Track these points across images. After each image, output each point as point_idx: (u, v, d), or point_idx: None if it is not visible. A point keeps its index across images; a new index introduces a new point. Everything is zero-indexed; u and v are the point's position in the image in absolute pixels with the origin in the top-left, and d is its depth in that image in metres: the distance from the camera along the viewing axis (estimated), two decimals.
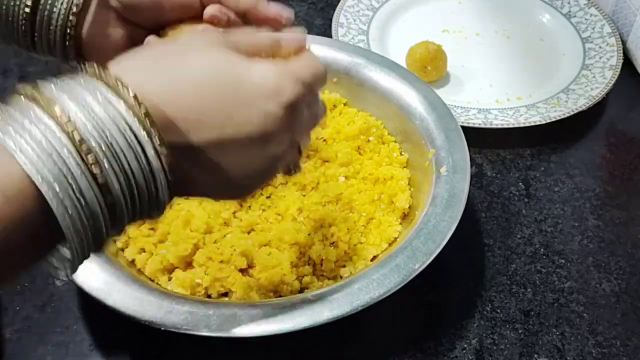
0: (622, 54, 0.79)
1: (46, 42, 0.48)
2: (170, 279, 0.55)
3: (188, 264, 0.56)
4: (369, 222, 0.60)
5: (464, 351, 0.55)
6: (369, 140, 0.65)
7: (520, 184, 0.68)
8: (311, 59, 0.43)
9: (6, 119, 0.34)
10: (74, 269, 0.36)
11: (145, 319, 0.48)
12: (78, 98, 0.35)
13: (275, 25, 0.47)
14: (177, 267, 0.56)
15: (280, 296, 0.54)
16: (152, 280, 0.55)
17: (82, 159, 0.33)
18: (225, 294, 0.55)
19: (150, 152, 0.35)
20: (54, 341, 0.55)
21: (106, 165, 0.34)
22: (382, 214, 0.60)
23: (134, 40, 0.49)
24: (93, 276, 0.50)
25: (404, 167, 0.64)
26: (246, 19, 0.48)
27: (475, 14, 0.89)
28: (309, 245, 0.57)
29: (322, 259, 0.57)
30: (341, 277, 0.56)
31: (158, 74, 0.38)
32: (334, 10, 0.84)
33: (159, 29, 0.48)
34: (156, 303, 0.49)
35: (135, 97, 0.35)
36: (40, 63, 0.79)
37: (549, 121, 0.71)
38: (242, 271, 0.55)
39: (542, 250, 0.62)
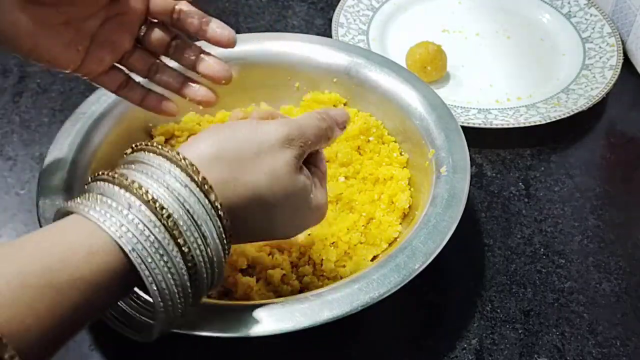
0: (622, 54, 0.79)
1: None
2: None
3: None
4: (369, 222, 0.60)
5: (464, 351, 0.55)
6: (369, 140, 0.65)
7: (520, 184, 0.68)
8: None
9: (94, 201, 0.38)
10: (160, 330, 0.41)
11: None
12: (156, 178, 0.39)
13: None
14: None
15: (280, 296, 0.54)
16: None
17: (166, 228, 0.37)
18: (226, 294, 0.55)
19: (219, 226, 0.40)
20: None
21: (187, 233, 0.38)
22: (382, 214, 0.60)
23: (39, 21, 0.49)
24: None
25: (404, 167, 0.64)
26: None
27: (475, 14, 0.89)
28: (309, 245, 0.57)
29: (322, 259, 0.57)
30: (341, 277, 0.56)
31: (236, 185, 0.43)
32: (334, 10, 0.84)
33: (62, 4, 0.50)
34: None
35: (210, 186, 0.40)
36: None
37: (549, 121, 0.71)
38: (242, 271, 0.55)
39: (542, 250, 0.62)
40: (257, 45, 0.69)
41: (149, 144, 0.42)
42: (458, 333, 0.56)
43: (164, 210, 0.38)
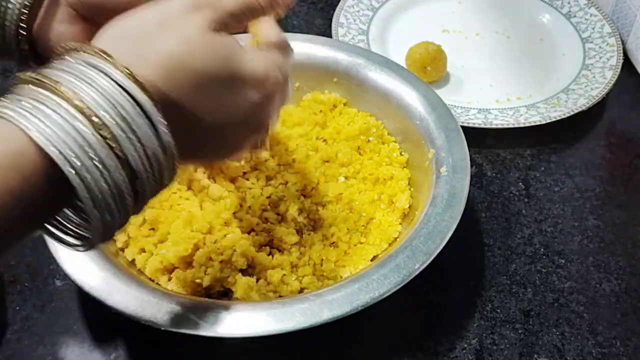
0: (622, 54, 0.79)
1: (1, 41, 0.49)
2: (170, 279, 0.55)
3: (188, 264, 0.56)
4: (369, 222, 0.60)
5: (464, 351, 0.55)
6: (369, 141, 0.65)
7: (520, 184, 0.68)
8: (286, 46, 0.47)
9: (15, 103, 0.34)
10: (99, 240, 0.38)
11: (145, 319, 0.48)
12: (81, 76, 0.35)
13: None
14: (177, 267, 0.56)
15: (280, 296, 0.54)
16: (152, 280, 0.55)
17: (99, 133, 0.34)
18: (226, 294, 0.55)
19: (159, 121, 0.36)
20: (54, 341, 0.55)
21: (121, 136, 0.35)
22: (382, 214, 0.60)
23: (88, 36, 0.48)
24: (93, 276, 0.50)
25: (404, 167, 0.64)
26: None
27: (475, 14, 0.89)
28: (309, 245, 0.57)
29: (322, 259, 0.57)
30: (341, 277, 0.56)
31: (151, 59, 0.38)
32: (334, 10, 0.84)
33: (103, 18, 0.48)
34: (156, 303, 0.49)
35: (130, 73, 0.36)
36: None
37: (549, 121, 0.71)
38: (242, 271, 0.55)
39: (542, 250, 0.62)
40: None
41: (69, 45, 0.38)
42: (458, 333, 0.56)
43: (90, 110, 0.34)
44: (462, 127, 0.62)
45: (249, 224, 0.58)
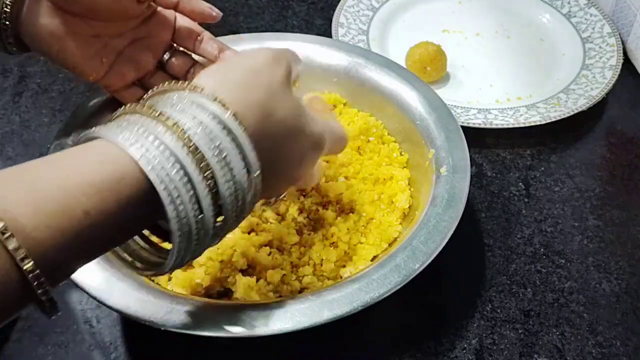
0: (622, 54, 0.79)
1: None
2: (170, 279, 0.55)
3: (188, 264, 0.56)
4: (369, 222, 0.60)
5: (464, 351, 0.55)
6: (369, 141, 0.65)
7: (520, 184, 0.68)
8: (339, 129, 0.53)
9: (121, 129, 0.37)
10: (172, 268, 0.40)
11: (145, 319, 0.48)
12: (185, 111, 0.38)
13: (204, 19, 0.58)
14: None
15: (281, 296, 0.54)
16: (152, 280, 0.55)
17: (198, 166, 0.37)
18: (225, 294, 0.55)
19: (252, 154, 0.39)
20: (54, 341, 0.55)
21: (217, 170, 0.37)
22: (382, 214, 0.60)
23: (70, 28, 0.54)
24: (93, 276, 0.50)
25: (404, 167, 0.64)
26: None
27: (475, 14, 0.89)
28: (309, 245, 0.57)
29: (322, 259, 0.57)
30: (341, 278, 0.56)
31: (249, 100, 0.41)
32: (334, 10, 0.84)
33: (94, 17, 0.54)
34: (156, 303, 0.49)
35: (235, 114, 0.39)
36: (39, 63, 0.79)
37: (549, 121, 0.71)
38: (242, 271, 0.55)
39: (542, 250, 0.62)
40: (256, 45, 0.69)
41: (174, 83, 0.41)
42: (458, 333, 0.56)
43: (191, 142, 0.37)
44: (462, 127, 0.62)
45: (249, 224, 0.58)
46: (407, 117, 0.64)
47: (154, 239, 0.43)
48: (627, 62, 0.80)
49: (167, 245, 0.41)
